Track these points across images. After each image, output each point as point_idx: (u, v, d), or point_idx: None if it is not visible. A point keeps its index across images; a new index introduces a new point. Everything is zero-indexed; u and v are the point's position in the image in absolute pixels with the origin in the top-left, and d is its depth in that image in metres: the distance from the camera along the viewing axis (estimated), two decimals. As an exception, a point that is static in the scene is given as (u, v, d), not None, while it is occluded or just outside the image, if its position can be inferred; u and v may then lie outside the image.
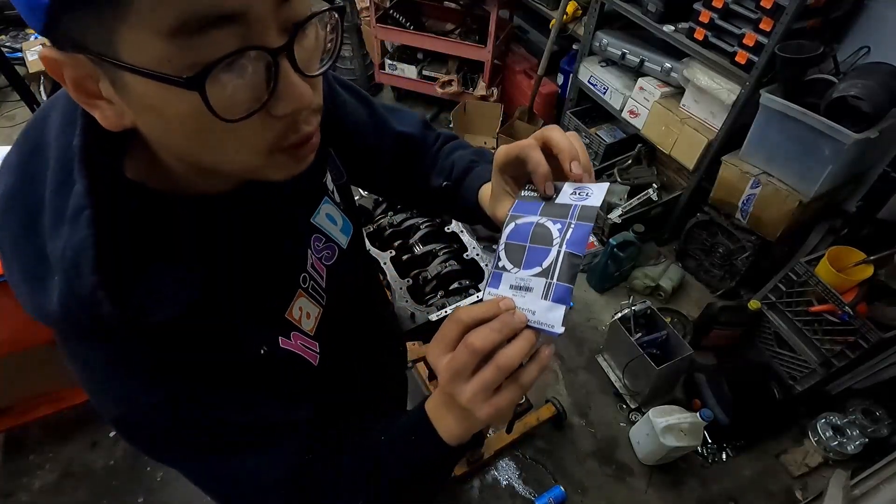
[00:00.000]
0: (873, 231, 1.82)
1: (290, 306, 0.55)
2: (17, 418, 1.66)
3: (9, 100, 3.27)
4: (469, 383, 0.44)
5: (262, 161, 0.40)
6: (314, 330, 0.58)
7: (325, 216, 0.62)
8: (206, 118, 0.34)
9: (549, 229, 0.46)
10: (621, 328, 1.95)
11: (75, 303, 0.39)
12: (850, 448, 1.78)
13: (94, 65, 0.34)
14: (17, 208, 0.42)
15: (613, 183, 2.48)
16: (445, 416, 0.51)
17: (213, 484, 0.51)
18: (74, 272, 0.38)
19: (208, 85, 0.32)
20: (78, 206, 0.38)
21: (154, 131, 0.38)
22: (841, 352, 1.72)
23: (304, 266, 0.57)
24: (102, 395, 0.45)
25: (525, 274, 0.46)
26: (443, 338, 0.46)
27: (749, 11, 1.77)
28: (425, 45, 2.96)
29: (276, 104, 0.37)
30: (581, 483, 1.80)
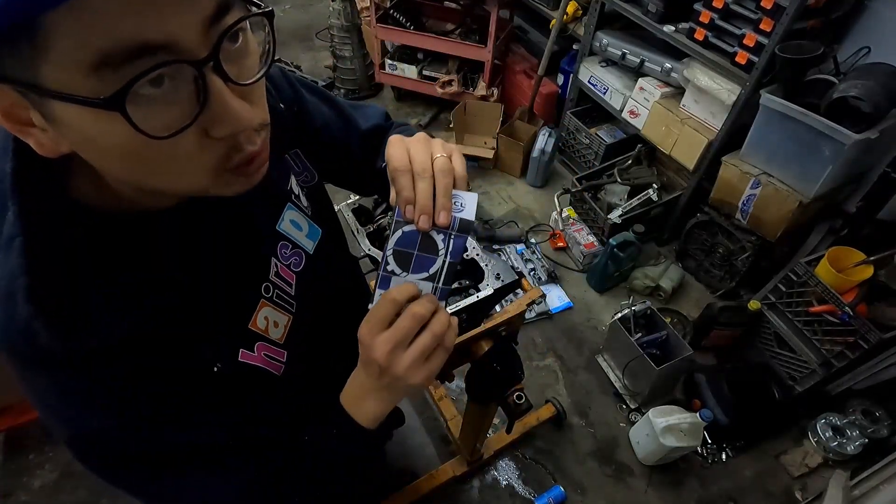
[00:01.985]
0: (873, 231, 1.82)
1: (254, 317, 0.54)
2: (17, 418, 1.66)
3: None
4: (409, 351, 0.48)
5: (209, 182, 0.39)
6: (284, 338, 0.58)
7: (289, 222, 0.61)
8: (140, 142, 0.33)
9: (434, 240, 0.51)
10: (621, 328, 1.95)
11: (14, 332, 0.38)
12: (850, 448, 1.78)
13: (20, 95, 0.33)
14: None
15: (613, 183, 2.48)
16: (364, 401, 0.54)
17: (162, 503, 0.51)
18: (10, 302, 0.37)
19: (130, 103, 0.31)
20: (10, 233, 0.38)
21: (93, 159, 0.37)
22: (841, 352, 1.72)
23: (266, 275, 0.57)
24: (52, 419, 0.44)
25: (413, 278, 0.52)
26: (379, 316, 0.49)
27: (749, 12, 1.77)
28: (425, 45, 2.95)
29: (212, 126, 0.35)
30: (581, 483, 1.80)
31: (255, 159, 0.41)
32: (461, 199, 0.51)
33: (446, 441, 1.87)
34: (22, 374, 0.43)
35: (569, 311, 2.31)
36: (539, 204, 2.80)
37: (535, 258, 2.46)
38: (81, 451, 0.45)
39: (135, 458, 0.46)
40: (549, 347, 2.18)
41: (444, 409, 1.81)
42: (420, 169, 0.49)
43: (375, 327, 0.49)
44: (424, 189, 0.49)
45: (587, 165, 2.78)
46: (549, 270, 2.41)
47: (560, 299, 2.33)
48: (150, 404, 0.45)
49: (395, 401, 0.54)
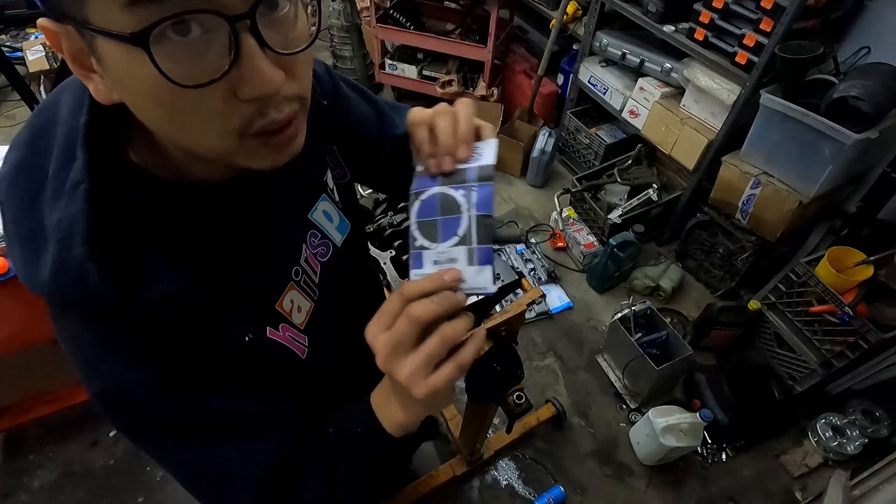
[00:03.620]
0: (873, 231, 1.82)
1: (281, 298, 0.54)
2: (17, 418, 1.66)
3: (9, 99, 3.26)
4: (409, 357, 0.42)
5: (233, 146, 0.39)
6: (304, 324, 0.58)
7: (322, 213, 0.62)
8: (167, 90, 0.33)
9: (453, 197, 0.47)
10: (621, 328, 1.95)
11: (65, 274, 0.39)
12: (850, 448, 1.78)
13: (79, 34, 0.35)
14: (23, 182, 0.43)
15: (613, 183, 2.48)
16: (389, 404, 0.50)
17: (184, 471, 0.50)
18: (66, 242, 0.39)
19: (157, 44, 0.32)
20: (76, 180, 0.40)
21: (132, 107, 0.38)
22: (841, 352, 1.72)
23: (297, 260, 0.57)
24: (87, 369, 0.45)
25: (445, 247, 0.46)
26: (384, 312, 0.44)
27: (749, 12, 1.77)
28: (425, 45, 2.95)
29: (240, 86, 0.35)
30: (581, 483, 1.80)
31: (282, 131, 0.40)
32: (478, 149, 0.48)
33: (446, 441, 1.87)
34: (62, 319, 0.44)
35: (569, 311, 2.31)
36: (539, 204, 2.80)
37: (535, 258, 2.46)
38: (110, 406, 0.45)
39: (162, 419, 0.46)
40: (549, 347, 2.18)
41: (444, 409, 1.81)
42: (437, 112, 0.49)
43: (379, 325, 0.44)
44: (445, 126, 0.48)
45: (587, 165, 2.78)
46: (549, 270, 2.41)
47: (560, 299, 2.33)
48: (185, 366, 0.45)
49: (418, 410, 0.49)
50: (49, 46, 3.11)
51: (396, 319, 0.43)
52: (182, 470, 0.50)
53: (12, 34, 3.47)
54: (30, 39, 3.33)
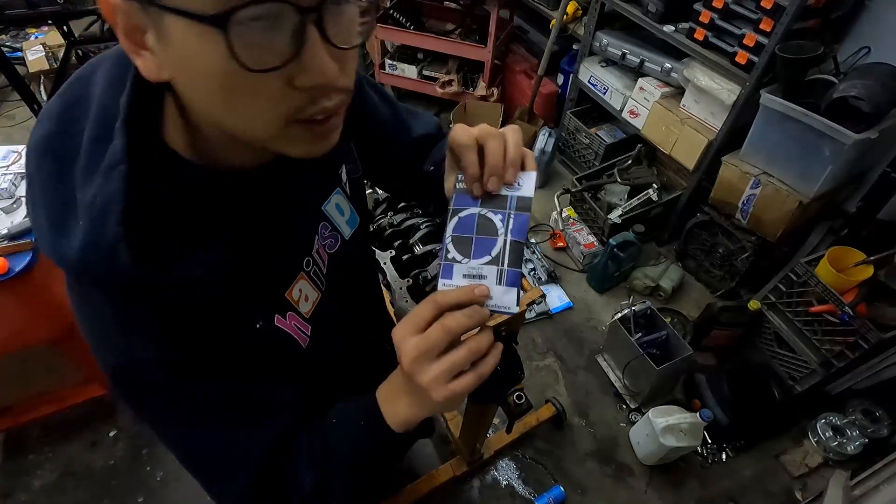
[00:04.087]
0: (873, 231, 1.82)
1: (291, 287, 0.56)
2: (17, 418, 1.66)
3: (9, 99, 3.26)
4: (435, 363, 0.45)
5: (280, 130, 0.40)
6: (310, 313, 0.59)
7: (334, 206, 0.64)
8: (231, 72, 0.35)
9: (492, 220, 0.50)
10: (621, 328, 1.95)
11: (95, 251, 0.40)
12: (850, 448, 1.78)
13: (142, 11, 0.35)
14: (52, 154, 0.44)
15: (613, 183, 2.48)
16: (396, 401, 0.52)
17: (185, 451, 0.52)
18: (100, 221, 0.40)
19: (233, 27, 0.33)
20: (114, 159, 0.41)
21: (186, 86, 0.39)
22: (841, 352, 1.72)
23: (310, 250, 0.59)
24: (102, 344, 0.46)
25: (476, 263, 0.49)
26: (416, 318, 0.47)
27: (749, 12, 1.77)
28: (425, 45, 2.95)
29: (299, 74, 0.37)
30: (581, 483, 1.80)
31: (326, 121, 0.42)
32: (520, 177, 0.51)
33: (446, 441, 1.87)
34: (85, 293, 0.46)
35: (569, 311, 2.31)
36: (539, 204, 2.80)
37: (535, 258, 2.46)
38: (121, 381, 0.47)
39: (169, 399, 0.48)
40: (549, 347, 2.18)
41: (445, 409, 1.80)
42: (486, 134, 0.50)
43: (409, 329, 0.47)
44: (495, 148, 0.50)
45: (587, 165, 2.78)
46: (549, 270, 2.41)
47: (560, 299, 2.33)
48: (197, 350, 0.47)
49: (424, 411, 0.51)
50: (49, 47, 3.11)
51: (428, 325, 0.46)
52: (183, 450, 0.52)
53: (12, 34, 3.48)
54: (30, 39, 3.34)
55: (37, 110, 2.46)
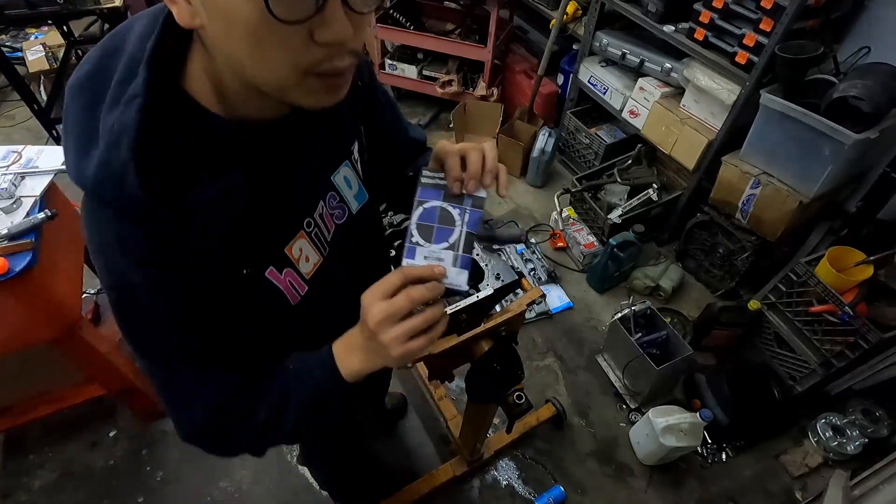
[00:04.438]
0: (873, 231, 1.82)
1: (291, 244, 0.61)
2: (17, 418, 1.66)
3: (9, 99, 3.27)
4: (398, 325, 0.53)
5: (296, 80, 0.45)
6: (310, 275, 0.65)
7: (343, 178, 0.69)
8: (262, 23, 0.39)
9: (451, 213, 0.60)
10: (621, 328, 1.95)
11: (107, 172, 0.46)
12: (850, 448, 1.78)
13: None
14: (86, 91, 0.50)
15: (613, 183, 2.48)
16: (351, 355, 0.60)
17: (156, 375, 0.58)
18: (114, 145, 0.46)
19: None
20: (134, 93, 0.46)
21: (216, 34, 0.43)
22: (841, 352, 1.72)
23: (311, 212, 0.64)
24: (105, 263, 0.52)
25: (436, 247, 0.59)
26: (385, 285, 0.55)
27: (749, 12, 1.77)
28: (425, 45, 2.96)
29: (319, 29, 0.41)
30: (581, 483, 1.80)
31: (340, 76, 0.47)
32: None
33: (446, 441, 1.87)
34: (96, 210, 0.51)
35: (569, 311, 2.31)
36: (539, 204, 2.80)
37: (535, 258, 2.46)
38: (115, 298, 0.53)
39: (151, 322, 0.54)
40: (549, 347, 2.18)
41: (444, 409, 1.81)
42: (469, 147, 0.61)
43: (377, 294, 0.55)
44: (476, 158, 0.60)
45: (587, 165, 2.78)
46: (549, 270, 2.41)
47: (560, 299, 2.33)
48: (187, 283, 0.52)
49: (377, 365, 0.60)
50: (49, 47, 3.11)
51: (394, 293, 0.54)
52: (154, 375, 0.58)
53: (12, 34, 3.48)
54: (30, 39, 3.34)
55: (36, 110, 2.46)
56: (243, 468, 1.77)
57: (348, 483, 1.50)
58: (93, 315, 1.88)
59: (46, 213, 1.27)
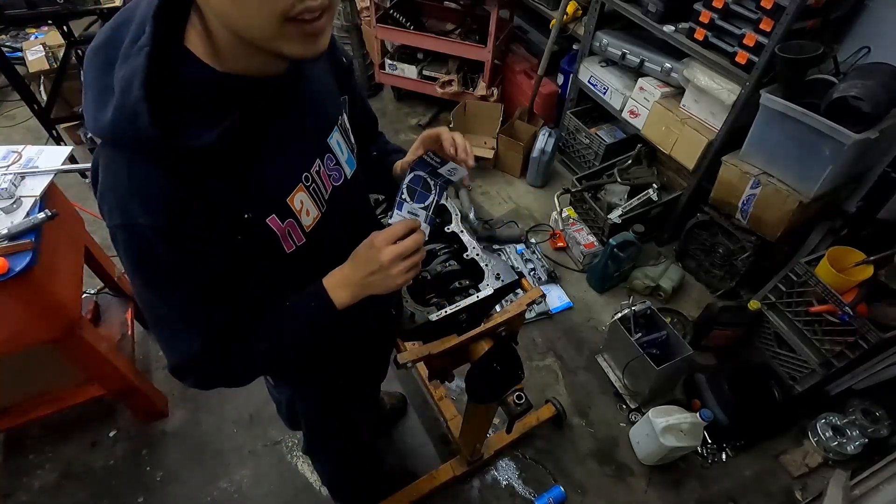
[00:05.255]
0: (873, 231, 1.82)
1: (292, 195, 0.68)
2: (17, 418, 1.65)
3: (9, 99, 3.27)
4: (404, 261, 0.70)
5: (275, 28, 0.50)
6: (310, 228, 0.72)
7: (336, 142, 0.77)
8: None
9: (430, 184, 0.82)
10: (621, 328, 1.95)
11: (122, 114, 0.51)
12: (850, 448, 1.78)
13: None
14: (101, 54, 0.56)
15: (613, 183, 2.48)
16: (342, 289, 0.73)
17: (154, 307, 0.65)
18: (126, 89, 0.51)
19: None
20: (143, 43, 0.52)
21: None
22: (841, 352, 1.72)
23: (308, 168, 0.71)
24: (114, 204, 0.56)
25: (416, 206, 0.81)
26: (393, 232, 0.70)
27: (749, 12, 1.77)
28: (425, 45, 2.95)
29: None
30: (581, 483, 1.80)
31: (315, 20, 0.51)
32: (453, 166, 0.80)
33: (446, 441, 1.87)
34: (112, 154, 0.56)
35: (569, 311, 2.31)
36: (539, 204, 2.80)
37: (535, 258, 2.46)
38: (121, 238, 0.58)
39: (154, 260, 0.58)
40: (549, 347, 2.18)
41: (444, 409, 1.81)
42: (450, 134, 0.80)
43: (389, 238, 0.70)
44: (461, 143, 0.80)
45: (587, 165, 2.78)
46: (549, 270, 2.41)
47: (560, 299, 2.33)
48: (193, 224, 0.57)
49: (366, 294, 0.73)
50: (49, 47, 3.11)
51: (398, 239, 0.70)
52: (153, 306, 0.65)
53: (12, 34, 3.48)
54: (30, 39, 3.33)
55: (36, 110, 2.45)
56: (243, 468, 1.78)
57: (351, 480, 1.50)
58: (93, 315, 1.88)
59: (46, 213, 1.27)
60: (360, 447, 1.38)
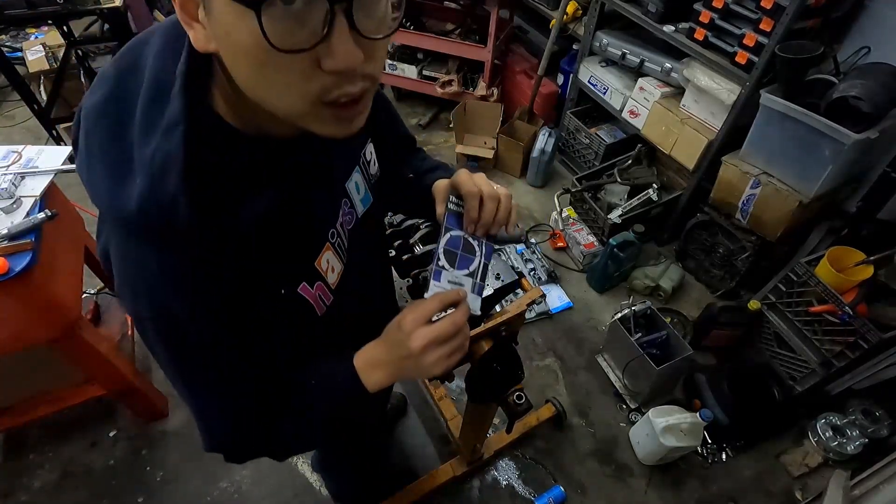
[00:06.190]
0: (873, 231, 1.82)
1: (319, 257, 0.62)
2: (17, 418, 1.65)
3: (9, 100, 3.27)
4: (440, 348, 0.58)
5: (307, 110, 0.43)
6: (336, 285, 0.66)
7: (354, 184, 0.70)
8: (263, 49, 0.38)
9: (472, 244, 0.68)
10: (621, 328, 1.95)
11: (154, 204, 0.44)
12: (850, 448, 1.78)
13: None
14: (110, 116, 0.48)
15: (613, 183, 2.48)
16: (375, 370, 0.62)
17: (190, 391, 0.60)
18: (161, 177, 0.44)
19: (265, 12, 0.36)
20: (174, 120, 0.45)
21: (227, 59, 0.43)
22: (841, 352, 1.72)
23: (334, 222, 0.65)
24: (142, 294, 0.50)
25: (458, 273, 0.66)
26: (426, 311, 0.59)
27: (749, 11, 1.77)
28: (425, 45, 2.96)
29: (325, 58, 0.40)
30: (581, 483, 1.80)
31: (352, 105, 0.45)
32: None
33: (446, 441, 1.87)
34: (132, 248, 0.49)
35: (569, 311, 2.31)
36: (539, 204, 2.80)
37: (535, 258, 2.46)
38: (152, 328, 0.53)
39: (190, 348, 0.54)
40: (549, 347, 2.18)
41: (444, 409, 1.81)
42: (490, 193, 0.66)
43: (420, 319, 0.58)
44: (492, 209, 0.67)
45: (587, 165, 2.78)
46: (549, 270, 2.41)
47: (560, 299, 2.33)
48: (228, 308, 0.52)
49: (403, 379, 0.63)
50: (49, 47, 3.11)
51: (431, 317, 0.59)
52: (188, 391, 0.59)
53: (12, 34, 3.48)
54: (30, 39, 3.33)
55: (36, 110, 2.46)
56: (243, 468, 1.77)
57: (360, 487, 1.50)
58: (93, 315, 1.88)
59: (46, 213, 1.27)
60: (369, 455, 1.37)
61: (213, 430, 0.63)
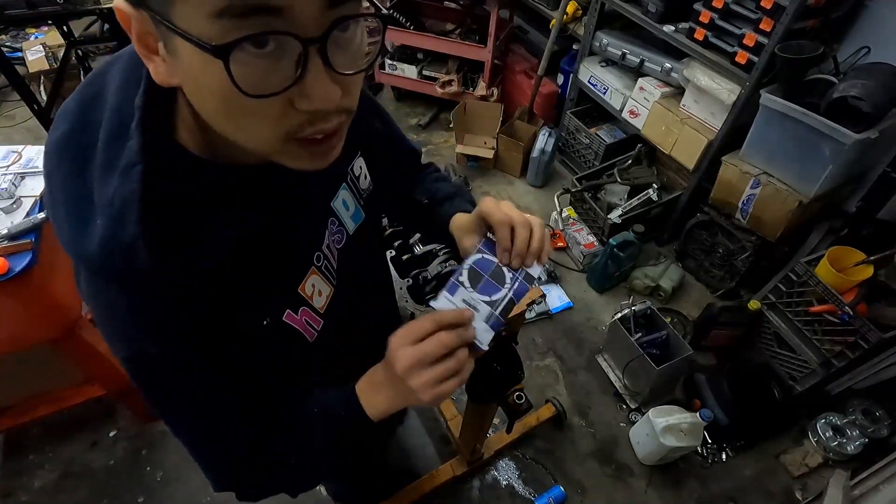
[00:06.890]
0: (873, 231, 1.82)
1: (303, 282, 0.58)
2: (17, 418, 1.66)
3: (9, 100, 3.26)
4: (427, 370, 0.51)
5: (278, 147, 0.41)
6: (324, 308, 0.62)
7: (341, 201, 0.65)
8: (233, 94, 0.35)
9: (504, 275, 0.61)
10: (621, 328, 1.95)
11: (115, 248, 0.42)
12: (850, 448, 1.78)
13: (154, 23, 0.36)
14: (71, 152, 0.45)
15: (613, 183, 2.48)
16: (376, 395, 0.58)
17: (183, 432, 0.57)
18: (119, 220, 0.41)
19: (234, 57, 0.33)
20: (131, 160, 0.42)
21: (193, 97, 0.40)
22: (841, 352, 1.72)
23: (320, 245, 0.61)
24: (115, 334, 0.49)
25: (477, 296, 0.58)
26: (416, 330, 0.53)
27: (749, 11, 1.77)
28: (425, 45, 2.96)
29: (300, 98, 0.37)
30: (581, 483, 1.80)
31: (325, 140, 0.42)
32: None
33: (446, 441, 1.87)
34: (102, 286, 0.47)
35: (569, 311, 2.31)
36: (539, 204, 2.80)
37: (535, 258, 2.45)
38: (132, 369, 0.50)
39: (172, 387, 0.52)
40: (549, 347, 2.18)
41: (444, 409, 1.81)
42: (521, 221, 0.60)
43: (406, 339, 0.53)
44: (525, 237, 0.60)
45: (587, 165, 2.78)
46: (549, 270, 2.41)
47: (560, 299, 2.33)
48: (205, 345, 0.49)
49: (403, 405, 0.57)
50: (49, 47, 3.11)
51: (425, 338, 0.52)
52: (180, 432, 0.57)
53: (12, 34, 3.47)
54: (30, 39, 3.34)
55: (36, 110, 2.45)
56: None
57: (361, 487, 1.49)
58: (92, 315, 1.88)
59: (46, 213, 1.27)
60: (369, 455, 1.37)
61: (213, 470, 0.60)
